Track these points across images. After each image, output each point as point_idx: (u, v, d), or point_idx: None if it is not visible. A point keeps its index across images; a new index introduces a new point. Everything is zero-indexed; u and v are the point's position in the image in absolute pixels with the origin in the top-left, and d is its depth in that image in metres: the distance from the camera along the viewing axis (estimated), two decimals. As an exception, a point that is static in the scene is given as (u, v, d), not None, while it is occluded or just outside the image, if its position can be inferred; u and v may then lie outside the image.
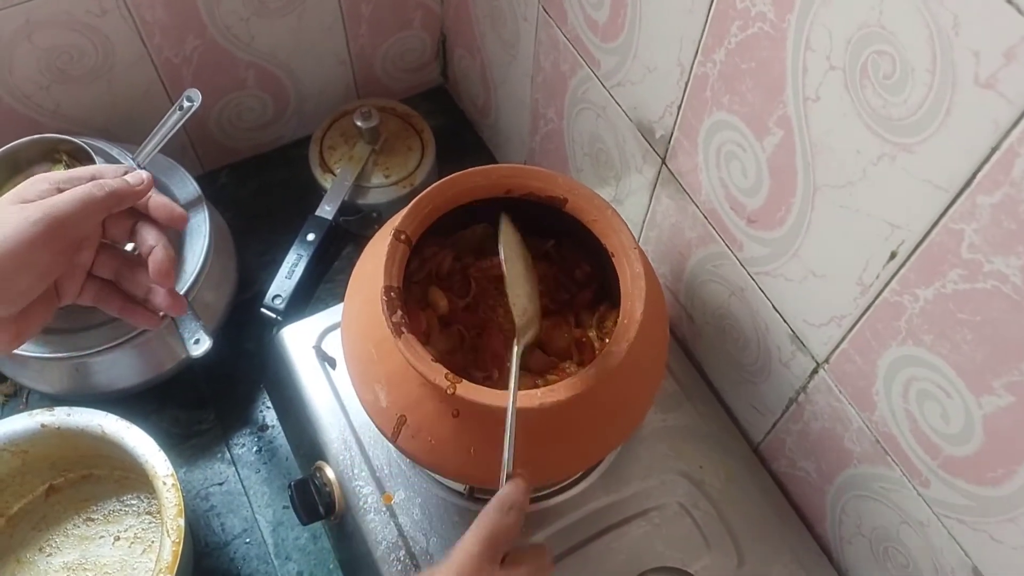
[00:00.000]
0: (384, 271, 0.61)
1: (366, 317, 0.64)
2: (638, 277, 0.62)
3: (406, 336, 0.59)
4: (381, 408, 0.63)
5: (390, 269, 0.61)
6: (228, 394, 0.94)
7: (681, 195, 0.72)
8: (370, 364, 0.64)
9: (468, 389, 0.57)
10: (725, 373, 0.77)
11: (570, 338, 0.72)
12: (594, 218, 0.65)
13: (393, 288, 0.61)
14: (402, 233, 0.63)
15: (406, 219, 0.63)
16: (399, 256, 0.62)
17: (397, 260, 0.62)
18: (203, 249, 0.85)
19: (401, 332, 0.59)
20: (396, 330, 0.59)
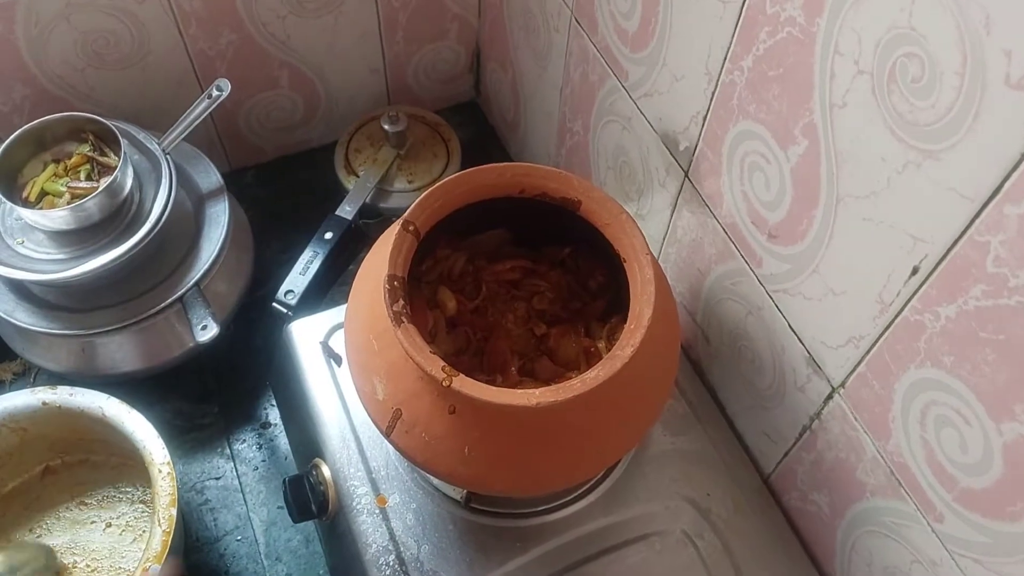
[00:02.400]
0: (389, 260, 0.60)
1: (370, 309, 0.63)
2: (648, 282, 0.60)
3: (406, 326, 0.58)
4: (378, 401, 0.62)
5: (395, 258, 0.61)
6: (233, 389, 0.94)
7: (702, 209, 0.70)
8: (371, 356, 0.63)
9: (465, 383, 0.56)
10: (738, 397, 0.75)
11: (579, 348, 0.71)
12: (607, 222, 0.64)
13: (397, 278, 0.60)
14: (411, 224, 0.62)
15: (415, 210, 0.63)
16: (406, 246, 0.61)
17: (404, 250, 0.61)
18: (220, 238, 0.86)
19: (401, 322, 0.58)
20: (396, 319, 0.58)
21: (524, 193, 0.66)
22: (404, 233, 0.62)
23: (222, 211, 0.87)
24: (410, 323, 0.59)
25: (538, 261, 0.75)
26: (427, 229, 0.64)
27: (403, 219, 0.62)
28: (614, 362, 0.57)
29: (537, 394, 0.56)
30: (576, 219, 0.66)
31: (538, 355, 0.71)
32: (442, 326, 0.70)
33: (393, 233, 0.62)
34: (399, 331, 0.57)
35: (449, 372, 0.56)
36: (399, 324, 0.58)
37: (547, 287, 0.73)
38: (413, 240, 0.62)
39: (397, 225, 0.62)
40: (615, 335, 0.71)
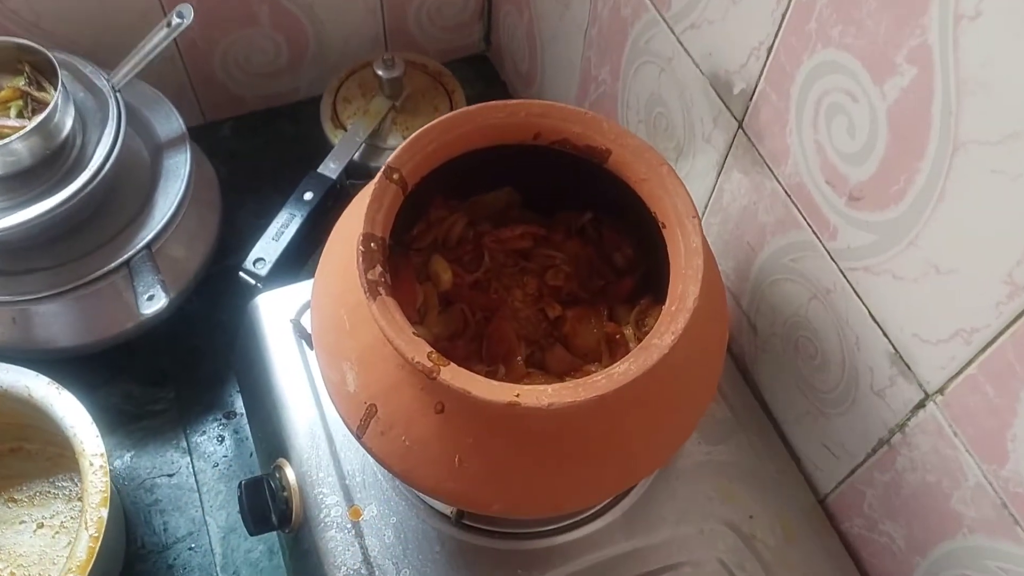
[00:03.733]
0: (366, 215, 0.48)
1: (342, 277, 0.51)
2: (694, 253, 0.48)
3: (383, 300, 0.46)
4: (348, 393, 0.50)
5: (374, 214, 0.48)
6: (194, 372, 0.83)
7: (759, 168, 0.58)
8: (340, 336, 0.50)
9: (457, 375, 0.44)
10: (792, 401, 0.62)
11: (600, 335, 0.58)
12: (643, 177, 0.51)
13: (375, 238, 0.48)
14: (395, 171, 0.49)
15: (402, 154, 0.50)
16: (388, 199, 0.49)
17: (385, 204, 0.49)
18: (178, 194, 0.74)
19: (377, 293, 0.46)
20: (370, 289, 0.45)
21: (539, 139, 0.53)
22: (386, 183, 0.49)
23: (182, 162, 0.75)
24: (390, 296, 0.46)
25: (553, 228, 0.62)
26: (417, 180, 0.51)
27: (386, 165, 0.49)
28: (649, 353, 0.45)
29: (550, 392, 0.43)
30: (602, 175, 0.54)
31: (550, 342, 0.59)
32: (434, 303, 0.58)
33: (373, 184, 0.49)
34: (374, 305, 0.45)
35: (437, 360, 0.44)
36: (374, 296, 0.45)
37: (563, 259, 0.61)
38: (398, 192, 0.50)
39: (380, 173, 0.49)
40: (645, 320, 0.58)
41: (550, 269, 0.61)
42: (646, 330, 0.58)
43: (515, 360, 0.57)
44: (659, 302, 0.59)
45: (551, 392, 0.44)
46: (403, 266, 0.58)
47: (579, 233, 0.63)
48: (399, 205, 0.50)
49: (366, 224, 0.48)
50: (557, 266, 0.61)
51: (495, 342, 0.58)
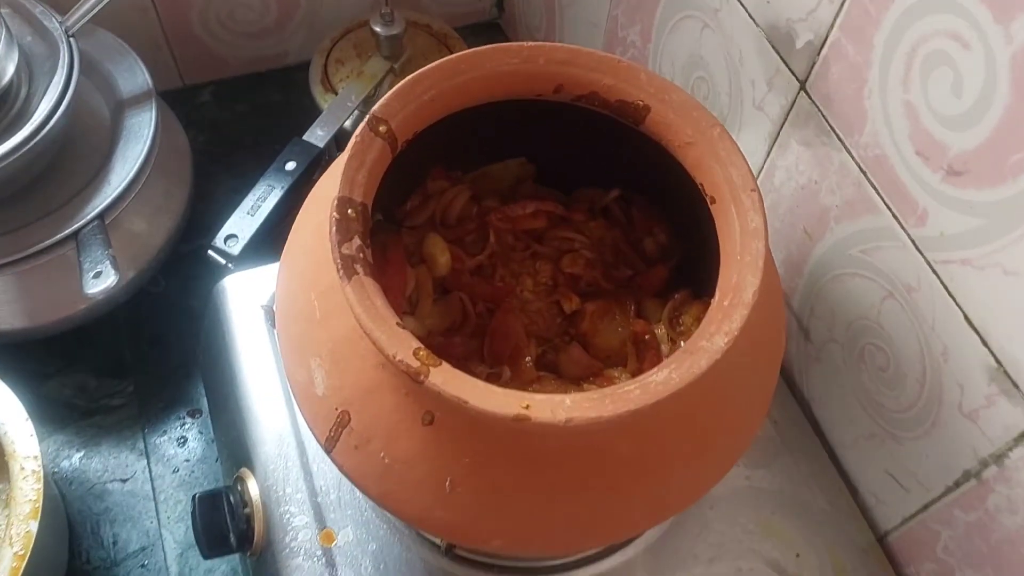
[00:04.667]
0: (343, 175, 0.39)
1: (314, 253, 0.42)
2: (753, 235, 0.38)
3: (360, 280, 0.36)
4: (315, 396, 0.41)
5: (353, 174, 0.39)
6: (156, 363, 0.75)
7: (825, 138, 0.48)
8: (309, 325, 0.41)
9: (450, 378, 0.35)
10: (851, 419, 0.53)
11: (625, 334, 0.49)
12: (689, 140, 0.42)
13: (353, 204, 0.38)
14: (382, 122, 0.40)
15: (391, 102, 0.41)
16: (372, 157, 0.40)
17: (368, 162, 0.40)
18: (139, 158, 0.65)
19: (353, 271, 0.36)
20: (345, 267, 0.36)
21: (561, 94, 0.44)
22: (370, 136, 0.40)
23: (146, 122, 0.66)
24: (369, 276, 0.37)
25: (572, 207, 0.53)
26: (409, 136, 0.42)
27: (371, 114, 0.40)
28: (696, 359, 0.35)
29: (568, 404, 0.34)
30: (636, 140, 0.45)
31: (565, 341, 0.50)
32: (427, 290, 0.49)
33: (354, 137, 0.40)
34: (348, 286, 0.36)
35: (426, 359, 0.35)
36: (349, 275, 0.36)
37: (583, 243, 0.52)
38: (385, 149, 0.40)
39: (363, 124, 0.40)
40: (681, 318, 0.49)
41: (567, 254, 0.51)
42: (681, 330, 0.49)
43: (523, 361, 0.48)
44: (698, 297, 0.50)
45: (570, 404, 0.35)
46: (392, 245, 0.49)
47: (603, 213, 0.53)
48: (386, 165, 0.41)
49: (343, 186, 0.39)
50: (576, 251, 0.52)
51: (499, 339, 0.48)
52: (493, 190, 0.54)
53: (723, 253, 0.40)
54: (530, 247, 0.52)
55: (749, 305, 0.37)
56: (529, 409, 0.34)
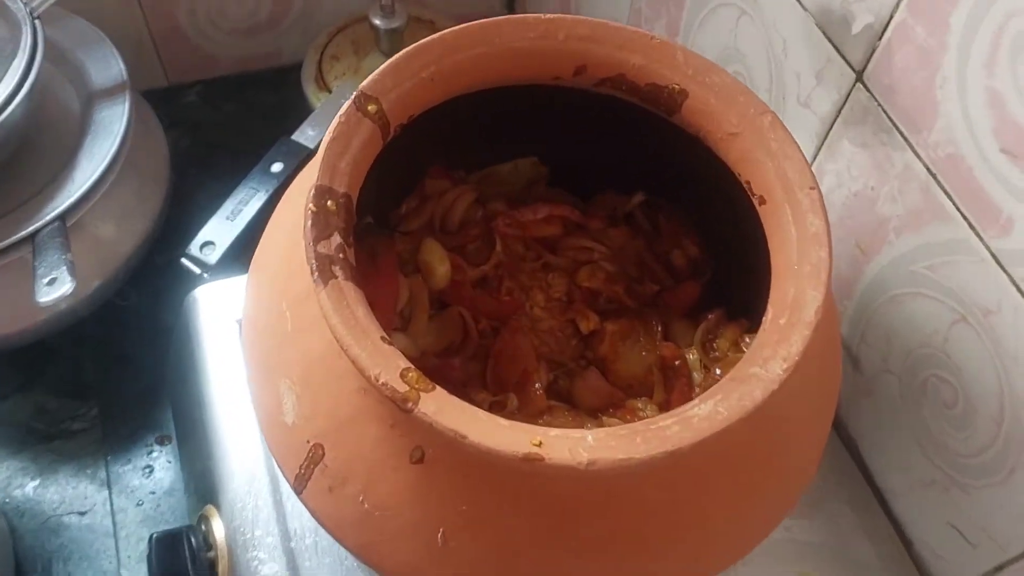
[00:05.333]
0: (322, 161, 0.32)
1: (288, 256, 0.36)
2: (815, 241, 0.32)
3: (339, 286, 0.30)
4: (284, 425, 0.34)
5: (335, 160, 0.33)
6: (124, 383, 0.68)
7: (885, 135, 0.42)
8: (279, 340, 0.35)
9: (445, 408, 0.28)
10: (908, 462, 0.47)
11: (651, 359, 0.43)
12: (733, 130, 0.36)
13: (334, 195, 0.32)
14: (371, 101, 0.34)
15: (383, 79, 0.35)
16: (359, 141, 0.34)
17: (354, 147, 0.34)
18: (107, 155, 0.59)
19: (330, 275, 0.30)
20: (321, 268, 0.30)
21: (583, 77, 0.38)
22: (357, 116, 0.34)
23: (117, 116, 0.60)
24: (351, 281, 0.31)
25: (591, 212, 0.47)
26: (404, 120, 0.36)
27: (359, 91, 0.34)
28: (749, 389, 0.29)
29: (591, 441, 0.28)
30: (666, 134, 0.39)
31: (581, 366, 0.44)
32: (423, 304, 0.43)
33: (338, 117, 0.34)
34: (324, 292, 0.30)
35: (416, 382, 0.29)
36: (326, 279, 0.30)
37: (603, 254, 0.46)
38: (375, 132, 0.34)
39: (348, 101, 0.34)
40: (716, 342, 0.43)
41: (584, 266, 0.45)
42: (716, 356, 0.43)
43: (532, 389, 0.41)
44: (736, 318, 0.44)
45: (593, 442, 0.28)
46: (383, 251, 0.43)
47: (625, 220, 0.47)
48: (376, 152, 0.35)
49: (322, 172, 0.32)
50: (594, 262, 0.45)
51: (505, 362, 0.42)
52: (500, 193, 0.48)
53: (776, 264, 0.34)
54: (542, 257, 0.46)
55: (811, 325, 0.31)
56: (542, 447, 0.28)
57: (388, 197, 0.46)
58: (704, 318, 0.44)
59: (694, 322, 0.45)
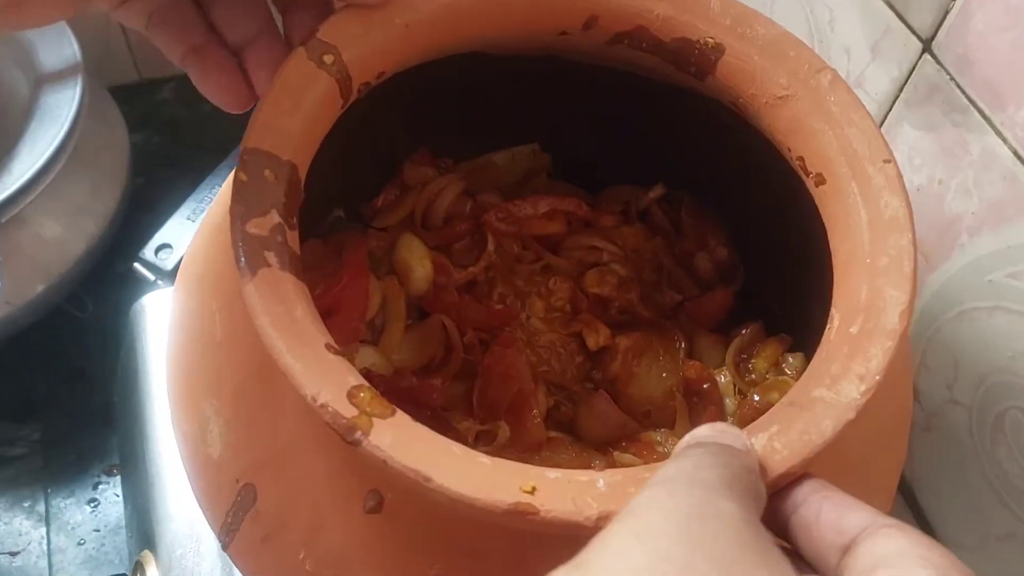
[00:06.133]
0: (258, 117, 0.25)
1: (220, 245, 0.29)
2: (893, 227, 0.26)
3: (271, 275, 0.23)
4: (208, 459, 0.27)
5: (276, 117, 0.26)
6: (72, 403, 0.61)
7: (959, 115, 0.35)
8: (206, 351, 0.28)
9: (405, 438, 0.21)
10: (979, 511, 0.40)
11: (673, 380, 0.36)
12: (783, 92, 0.29)
13: (276, 161, 0.25)
14: (328, 50, 0.27)
15: (344, 23, 0.28)
16: (312, 97, 0.27)
17: (305, 105, 0.27)
18: (52, 144, 0.52)
19: (261, 262, 0.23)
20: (250, 252, 0.23)
21: (594, 29, 0.31)
22: (309, 66, 0.27)
23: (66, 101, 0.53)
24: (290, 272, 0.23)
25: (600, 207, 0.40)
26: (370, 79, 0.29)
27: (313, 38, 0.27)
28: (815, 419, 0.22)
29: (601, 486, 0.21)
30: (693, 108, 0.32)
31: (588, 388, 0.36)
32: (398, 311, 0.36)
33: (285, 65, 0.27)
34: (252, 284, 0.22)
35: (369, 404, 0.22)
36: (255, 267, 0.23)
37: (615, 255, 0.39)
38: (332, 88, 0.27)
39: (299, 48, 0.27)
40: (752, 361, 0.36)
41: (592, 270, 0.38)
42: (752, 379, 0.36)
43: (528, 416, 0.34)
44: (776, 333, 0.36)
45: (604, 488, 0.21)
46: (351, 248, 0.36)
47: (642, 217, 0.40)
48: (335, 115, 0.28)
49: (258, 133, 0.25)
50: (604, 265, 0.38)
51: (496, 383, 0.35)
52: (492, 184, 0.41)
53: (839, 258, 0.27)
54: (542, 258, 0.39)
55: (895, 333, 0.23)
56: (536, 495, 0.21)
57: (361, 187, 0.40)
58: (737, 333, 0.36)
59: (724, 338, 0.37)
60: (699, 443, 0.20)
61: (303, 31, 0.27)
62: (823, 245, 0.31)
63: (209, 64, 0.26)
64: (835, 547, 0.19)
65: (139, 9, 0.27)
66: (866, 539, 0.19)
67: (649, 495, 0.18)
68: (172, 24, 0.27)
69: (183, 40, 0.26)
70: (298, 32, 0.27)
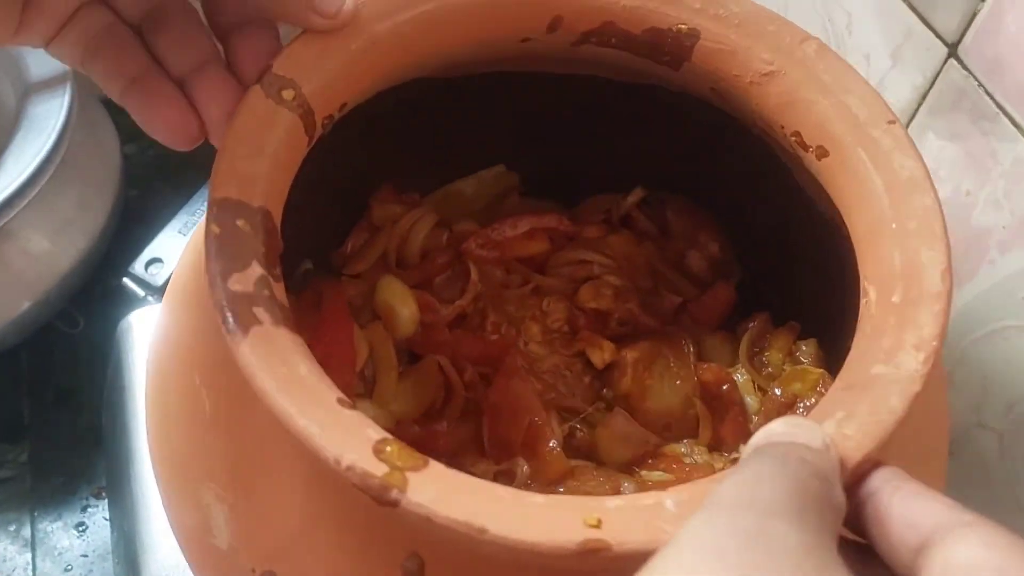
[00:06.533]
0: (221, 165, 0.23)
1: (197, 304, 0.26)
2: (913, 186, 0.25)
3: (265, 333, 0.20)
4: (215, 550, 0.24)
5: (241, 163, 0.24)
6: (62, 423, 0.59)
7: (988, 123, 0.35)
8: (194, 430, 0.25)
9: (447, 490, 0.18)
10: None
11: (688, 387, 0.34)
12: (767, 68, 0.27)
13: (247, 210, 0.23)
14: (286, 84, 0.25)
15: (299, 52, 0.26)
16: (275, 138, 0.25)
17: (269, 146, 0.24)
18: (39, 155, 0.51)
19: (251, 320, 0.20)
20: (237, 311, 0.21)
21: (559, 31, 0.30)
22: (268, 104, 0.25)
23: (55, 110, 0.53)
24: (285, 327, 0.21)
25: (581, 218, 0.38)
26: (333, 110, 0.27)
27: (268, 72, 0.25)
28: (881, 396, 0.21)
29: (670, 507, 0.20)
30: (669, 103, 0.31)
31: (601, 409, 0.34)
32: (389, 359, 0.34)
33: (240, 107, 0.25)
34: (246, 345, 0.20)
35: (399, 457, 0.19)
36: (246, 327, 0.20)
37: (606, 266, 0.37)
38: (295, 124, 0.25)
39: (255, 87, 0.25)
40: (765, 354, 0.34)
41: (586, 284, 0.37)
42: (770, 372, 0.34)
43: (544, 448, 0.32)
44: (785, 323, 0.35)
45: (675, 508, 0.19)
46: (330, 298, 0.33)
47: (624, 223, 0.38)
48: (301, 155, 0.26)
49: (222, 181, 0.23)
50: (597, 278, 0.37)
51: (506, 418, 0.33)
52: (464, 212, 0.39)
53: (858, 229, 0.25)
54: (529, 280, 0.37)
55: (943, 296, 0.22)
56: (603, 528, 0.19)
57: (326, 234, 0.37)
58: (745, 328, 0.35)
59: (731, 335, 0.36)
60: (769, 443, 0.19)
61: (248, 60, 0.25)
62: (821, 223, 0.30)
63: (154, 97, 0.24)
64: (908, 545, 0.17)
65: (73, 40, 0.24)
66: (940, 541, 0.17)
67: (694, 524, 0.16)
68: (110, 54, 0.24)
69: (123, 71, 0.24)
70: (244, 61, 0.25)
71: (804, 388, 0.32)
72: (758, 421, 0.33)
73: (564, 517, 0.19)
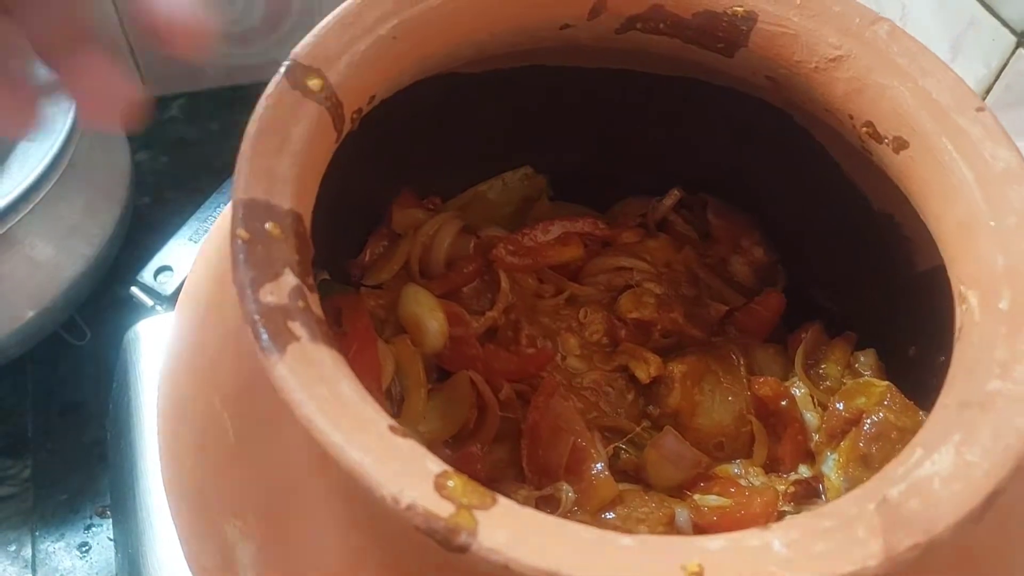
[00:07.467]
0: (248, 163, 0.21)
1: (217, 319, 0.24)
2: (1009, 179, 0.23)
3: (300, 350, 0.18)
4: (242, 596, 0.21)
5: (268, 159, 0.21)
6: (66, 438, 0.57)
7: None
8: (216, 459, 0.23)
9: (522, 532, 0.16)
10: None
11: (741, 403, 0.32)
12: (835, 53, 0.25)
13: (276, 212, 0.20)
14: (311, 73, 0.23)
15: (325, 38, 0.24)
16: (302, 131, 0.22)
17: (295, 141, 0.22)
18: (44, 160, 0.50)
19: (288, 336, 0.18)
20: (272, 327, 0.18)
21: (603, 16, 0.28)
22: (293, 95, 0.22)
23: (61, 114, 0.51)
24: (324, 344, 0.18)
25: (616, 223, 0.36)
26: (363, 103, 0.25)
27: (291, 59, 0.23)
28: (1006, 416, 0.18)
29: (779, 550, 0.17)
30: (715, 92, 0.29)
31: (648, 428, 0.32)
32: (417, 376, 0.31)
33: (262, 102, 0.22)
34: (283, 364, 0.18)
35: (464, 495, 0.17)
36: (282, 344, 0.18)
37: (647, 272, 0.35)
38: (323, 117, 0.23)
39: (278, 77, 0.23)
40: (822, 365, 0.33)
41: (625, 293, 0.34)
42: (827, 386, 0.32)
43: (588, 471, 0.30)
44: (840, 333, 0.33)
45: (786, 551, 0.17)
46: (350, 312, 0.31)
47: (662, 227, 0.36)
48: (330, 151, 0.23)
49: (250, 180, 0.21)
50: (638, 285, 0.34)
51: (546, 439, 0.30)
52: (490, 214, 0.37)
53: (945, 229, 0.23)
54: (564, 289, 0.34)
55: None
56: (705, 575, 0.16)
57: (342, 242, 0.35)
58: (798, 339, 0.33)
59: (780, 347, 0.34)
60: None
61: None
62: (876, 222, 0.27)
63: None
64: None
65: None
66: None
67: None
68: None
69: None
70: None
71: (869, 402, 0.30)
72: (819, 439, 0.31)
73: (660, 562, 0.16)
